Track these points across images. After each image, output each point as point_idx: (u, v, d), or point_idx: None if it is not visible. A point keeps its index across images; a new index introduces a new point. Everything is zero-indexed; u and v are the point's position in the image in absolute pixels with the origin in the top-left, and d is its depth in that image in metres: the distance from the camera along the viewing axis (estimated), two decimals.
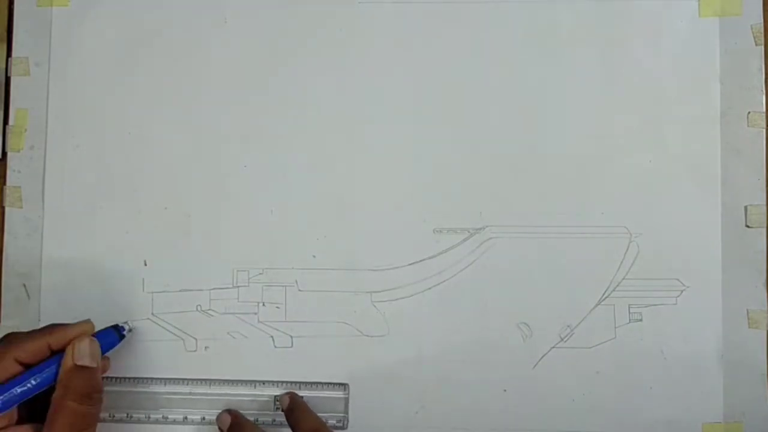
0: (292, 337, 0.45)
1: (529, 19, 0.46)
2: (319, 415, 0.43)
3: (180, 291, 0.46)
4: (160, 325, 0.45)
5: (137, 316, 0.45)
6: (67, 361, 0.39)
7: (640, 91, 0.46)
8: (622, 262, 0.45)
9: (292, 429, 0.43)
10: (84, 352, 0.40)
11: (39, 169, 0.46)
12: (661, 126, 0.46)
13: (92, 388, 0.39)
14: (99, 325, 0.42)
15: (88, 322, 0.42)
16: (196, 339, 0.45)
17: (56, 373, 0.39)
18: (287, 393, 0.44)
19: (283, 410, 0.44)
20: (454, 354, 0.45)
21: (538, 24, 0.46)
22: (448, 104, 0.46)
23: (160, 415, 0.45)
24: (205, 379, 0.45)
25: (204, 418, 0.45)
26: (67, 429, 0.38)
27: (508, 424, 0.45)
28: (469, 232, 0.46)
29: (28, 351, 0.39)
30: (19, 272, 0.46)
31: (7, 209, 0.46)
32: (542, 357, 0.45)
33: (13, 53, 0.47)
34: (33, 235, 0.46)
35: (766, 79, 0.46)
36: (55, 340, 0.40)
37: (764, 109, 0.45)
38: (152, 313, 0.45)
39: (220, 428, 0.44)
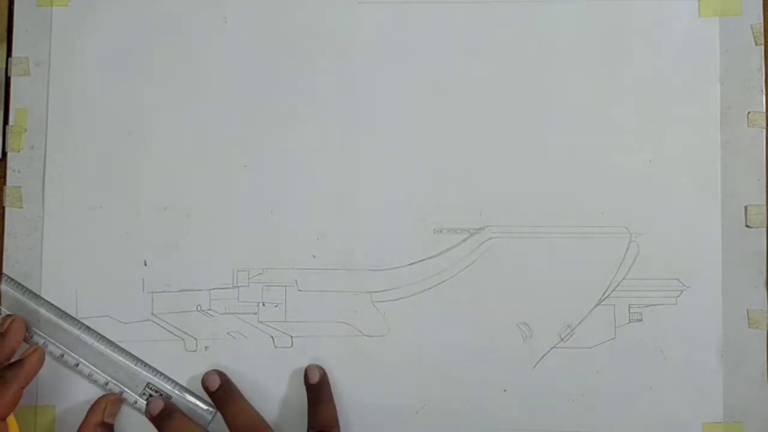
0: (292, 337, 0.45)
1: (528, 19, 0.46)
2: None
3: (180, 291, 0.46)
4: (160, 325, 0.45)
5: (137, 316, 0.45)
6: None
7: (640, 91, 0.46)
8: (622, 262, 0.45)
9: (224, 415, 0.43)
10: None
11: (39, 169, 0.46)
12: (661, 126, 0.46)
13: None
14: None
15: None
16: (196, 339, 0.45)
17: None
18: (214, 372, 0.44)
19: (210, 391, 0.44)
20: (454, 354, 0.45)
21: (538, 24, 0.46)
22: (448, 104, 0.46)
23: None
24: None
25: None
26: None
27: (508, 424, 0.45)
28: (469, 232, 0.46)
29: None
30: (19, 272, 0.46)
31: (7, 209, 0.46)
32: (542, 357, 0.45)
33: (13, 53, 0.47)
34: (33, 235, 0.46)
35: (766, 79, 0.45)
36: None
37: (764, 109, 0.45)
38: (152, 313, 0.45)
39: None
